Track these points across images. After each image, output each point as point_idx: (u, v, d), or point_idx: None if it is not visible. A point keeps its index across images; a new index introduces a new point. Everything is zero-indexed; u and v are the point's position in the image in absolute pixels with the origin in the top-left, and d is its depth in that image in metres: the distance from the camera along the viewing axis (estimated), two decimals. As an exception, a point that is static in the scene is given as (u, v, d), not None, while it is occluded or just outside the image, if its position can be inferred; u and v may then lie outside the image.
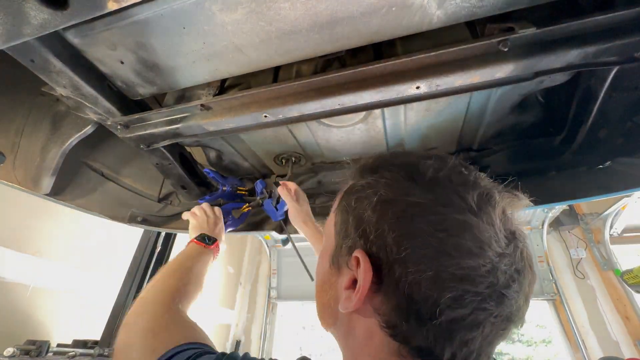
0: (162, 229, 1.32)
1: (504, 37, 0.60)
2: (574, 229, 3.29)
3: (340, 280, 0.41)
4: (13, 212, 1.77)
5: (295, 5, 0.57)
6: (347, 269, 0.40)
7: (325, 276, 0.45)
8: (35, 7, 0.50)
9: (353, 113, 0.77)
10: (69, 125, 0.94)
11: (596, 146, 0.86)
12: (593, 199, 0.89)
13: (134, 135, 0.87)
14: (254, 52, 0.68)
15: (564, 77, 0.76)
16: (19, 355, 1.36)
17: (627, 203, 2.69)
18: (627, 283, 2.19)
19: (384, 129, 1.01)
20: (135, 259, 2.44)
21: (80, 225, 2.16)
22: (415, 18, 0.59)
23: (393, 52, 0.75)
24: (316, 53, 0.68)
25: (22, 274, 1.75)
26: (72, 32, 0.65)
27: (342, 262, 0.41)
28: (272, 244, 3.98)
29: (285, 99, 0.75)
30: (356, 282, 0.37)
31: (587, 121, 0.81)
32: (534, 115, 0.96)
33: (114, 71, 0.75)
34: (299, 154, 1.15)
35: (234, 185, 1.18)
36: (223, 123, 0.81)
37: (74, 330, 1.98)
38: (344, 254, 0.41)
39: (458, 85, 0.68)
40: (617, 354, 2.73)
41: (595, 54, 0.61)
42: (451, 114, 0.93)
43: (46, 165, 0.97)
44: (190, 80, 0.77)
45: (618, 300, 2.90)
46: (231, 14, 0.59)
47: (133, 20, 0.62)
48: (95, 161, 1.22)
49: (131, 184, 1.29)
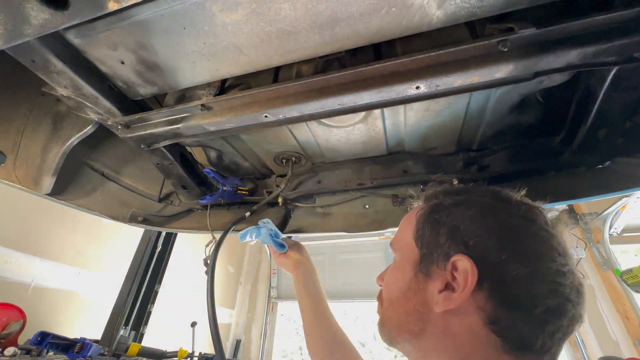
0: (163, 229, 1.32)
1: (503, 37, 0.60)
2: (574, 229, 3.29)
3: (430, 285, 0.46)
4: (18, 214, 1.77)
5: (296, 5, 0.57)
6: (439, 274, 0.45)
7: (408, 284, 0.49)
8: (35, 8, 0.50)
9: (353, 113, 0.78)
10: (69, 125, 0.94)
11: (596, 146, 0.86)
12: (592, 198, 0.89)
13: (135, 135, 0.88)
14: (254, 52, 0.68)
15: (563, 77, 0.76)
16: (20, 355, 1.36)
17: (626, 203, 2.69)
18: (627, 283, 2.19)
19: (384, 129, 1.01)
20: (136, 259, 2.44)
21: (81, 225, 2.17)
22: (415, 18, 0.60)
23: (393, 52, 0.75)
24: (316, 53, 0.69)
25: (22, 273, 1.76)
26: (72, 32, 0.65)
27: (432, 268, 0.46)
28: (272, 243, 3.97)
29: (286, 99, 0.75)
30: (448, 285, 0.43)
31: (587, 121, 0.81)
32: (533, 115, 0.96)
33: (114, 71, 0.75)
34: (299, 154, 1.16)
35: (234, 185, 1.18)
36: (223, 123, 0.82)
37: (73, 330, 1.98)
38: (437, 261, 0.46)
39: (458, 86, 0.68)
40: (616, 353, 2.73)
41: (594, 54, 0.61)
42: (451, 114, 0.93)
43: (47, 165, 0.97)
44: (191, 81, 0.77)
45: (617, 300, 2.91)
46: (231, 14, 0.59)
47: (134, 21, 0.62)
48: (96, 161, 1.23)
49: (132, 183, 1.29)
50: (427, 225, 0.49)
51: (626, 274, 2.17)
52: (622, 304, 2.87)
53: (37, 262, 1.85)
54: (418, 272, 0.48)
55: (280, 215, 1.24)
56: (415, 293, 0.47)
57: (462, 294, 0.41)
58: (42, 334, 1.36)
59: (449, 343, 0.43)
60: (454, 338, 0.43)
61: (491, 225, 0.44)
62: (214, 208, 1.31)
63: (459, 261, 0.42)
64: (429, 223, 0.49)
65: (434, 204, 0.52)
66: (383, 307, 0.55)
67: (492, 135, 1.01)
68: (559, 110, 0.90)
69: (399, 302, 0.50)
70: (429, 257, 0.47)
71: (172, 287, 2.77)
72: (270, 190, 1.22)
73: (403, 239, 0.54)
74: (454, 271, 0.43)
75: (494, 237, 0.43)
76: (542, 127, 0.97)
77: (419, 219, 0.52)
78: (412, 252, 0.50)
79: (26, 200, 1.74)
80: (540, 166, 0.97)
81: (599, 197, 0.89)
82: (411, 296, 0.48)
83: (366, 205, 1.19)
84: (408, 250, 0.51)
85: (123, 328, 2.16)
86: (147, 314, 2.38)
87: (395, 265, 0.55)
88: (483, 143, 1.05)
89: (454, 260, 0.43)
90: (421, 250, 0.49)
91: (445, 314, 0.43)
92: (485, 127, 0.97)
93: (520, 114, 0.95)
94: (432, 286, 0.45)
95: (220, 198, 1.16)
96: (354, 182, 1.15)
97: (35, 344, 1.35)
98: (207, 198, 1.16)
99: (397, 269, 0.54)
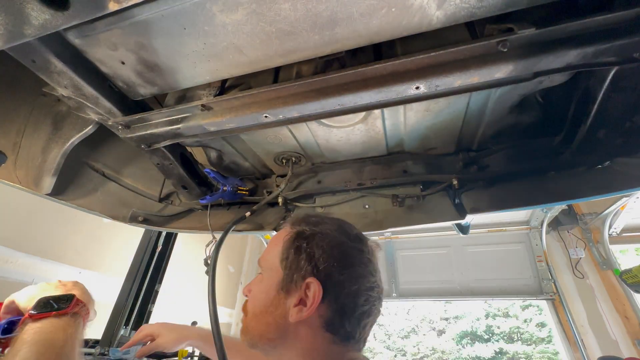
0: (163, 229, 1.32)
1: (503, 37, 0.60)
2: (573, 229, 3.30)
3: (288, 300, 0.58)
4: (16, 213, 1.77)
5: (296, 6, 0.57)
6: (296, 291, 0.58)
7: (272, 301, 0.60)
8: (36, 8, 0.50)
9: (353, 113, 0.78)
10: (70, 125, 0.94)
11: (595, 146, 0.86)
12: (592, 198, 0.89)
13: (135, 135, 0.88)
14: (255, 52, 0.68)
15: (563, 77, 0.76)
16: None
17: (626, 203, 2.69)
18: (626, 282, 2.19)
19: (384, 129, 1.01)
20: (136, 259, 2.44)
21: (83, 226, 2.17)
22: (414, 19, 0.60)
23: (393, 52, 0.76)
24: (316, 54, 0.69)
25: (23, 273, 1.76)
26: (73, 32, 0.65)
27: (291, 287, 0.58)
28: (272, 243, 3.97)
29: (286, 100, 0.75)
30: (302, 300, 0.56)
31: (586, 121, 0.81)
32: (533, 115, 0.96)
33: (115, 71, 0.75)
34: (299, 154, 1.16)
35: (234, 185, 1.18)
36: (224, 123, 0.82)
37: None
38: (295, 281, 0.58)
39: (457, 86, 0.68)
40: (616, 353, 2.73)
41: (594, 55, 0.61)
42: (450, 114, 0.93)
43: (47, 165, 0.97)
44: (191, 81, 0.78)
45: (617, 300, 2.91)
46: (232, 14, 0.59)
47: (134, 21, 0.62)
48: (97, 161, 1.23)
49: (132, 184, 1.30)
50: (291, 251, 0.61)
51: (625, 274, 2.17)
52: (622, 304, 2.87)
53: (38, 262, 1.85)
54: (280, 291, 0.60)
55: (280, 215, 1.24)
56: (276, 308, 0.59)
57: (310, 308, 0.55)
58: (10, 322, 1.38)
59: (297, 345, 0.57)
60: (302, 340, 0.57)
61: (336, 255, 0.59)
62: (214, 208, 1.31)
63: (311, 283, 0.56)
64: (293, 249, 0.61)
65: (298, 232, 0.63)
66: (247, 318, 0.64)
67: (492, 135, 1.01)
68: (559, 110, 0.90)
69: (263, 315, 0.61)
70: (290, 277, 0.59)
71: (172, 287, 2.77)
72: (270, 190, 1.22)
73: (270, 259, 0.65)
74: (307, 290, 0.56)
75: (337, 263, 0.58)
76: (542, 127, 0.97)
77: (285, 243, 0.63)
78: (277, 274, 0.61)
79: (27, 200, 1.74)
80: (540, 166, 0.98)
81: (599, 197, 0.89)
82: (273, 310, 0.59)
83: (366, 205, 1.19)
84: (273, 271, 0.62)
85: (123, 328, 2.16)
86: (147, 313, 2.39)
87: (261, 281, 0.65)
88: (483, 143, 1.05)
89: (308, 282, 0.56)
90: (284, 272, 0.60)
91: (296, 322, 0.56)
92: (485, 127, 0.97)
93: (520, 114, 0.96)
94: (289, 301, 0.58)
95: (221, 198, 1.16)
96: (354, 182, 1.16)
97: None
98: (207, 198, 1.16)
99: (262, 285, 0.64)
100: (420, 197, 1.12)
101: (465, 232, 1.44)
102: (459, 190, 1.04)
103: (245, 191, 1.21)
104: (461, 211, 1.05)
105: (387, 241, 3.98)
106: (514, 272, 3.40)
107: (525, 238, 3.53)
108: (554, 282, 3.17)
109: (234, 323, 3.75)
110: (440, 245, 3.77)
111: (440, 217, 1.08)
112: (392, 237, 3.96)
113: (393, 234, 3.94)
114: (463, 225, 1.39)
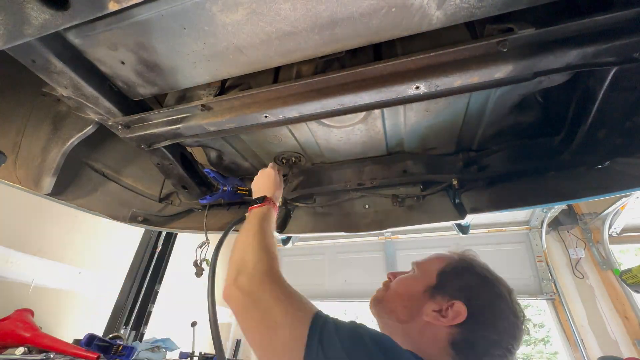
0: (163, 229, 1.32)
1: (503, 37, 0.60)
2: (573, 229, 3.30)
3: (430, 302, 0.65)
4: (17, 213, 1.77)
5: (296, 6, 0.57)
6: (440, 301, 0.64)
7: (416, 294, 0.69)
8: (36, 8, 0.50)
9: (353, 113, 0.78)
10: (69, 125, 0.94)
11: (595, 146, 0.86)
12: (592, 198, 0.89)
13: (135, 135, 0.88)
14: (254, 52, 0.68)
15: (563, 77, 0.76)
16: (25, 353, 1.41)
17: (626, 203, 2.69)
18: (626, 282, 2.19)
19: (384, 129, 1.01)
20: (136, 259, 2.45)
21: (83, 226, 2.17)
22: (414, 19, 0.60)
23: (393, 52, 0.76)
24: (316, 54, 0.69)
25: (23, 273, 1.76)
26: (73, 32, 0.65)
27: (438, 295, 0.65)
28: (272, 243, 3.98)
29: (286, 100, 0.75)
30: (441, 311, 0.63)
31: (586, 121, 0.81)
32: (533, 115, 0.96)
33: (115, 71, 0.75)
34: (299, 154, 1.16)
35: (234, 185, 1.18)
36: (224, 123, 0.82)
37: (73, 330, 1.98)
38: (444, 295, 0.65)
39: (457, 86, 0.68)
40: (616, 353, 2.73)
41: (594, 55, 0.61)
42: (450, 114, 0.93)
43: (47, 165, 0.97)
44: (191, 81, 0.78)
45: (617, 300, 2.91)
46: (231, 14, 0.59)
47: (134, 21, 0.62)
48: (97, 161, 1.23)
49: (132, 184, 1.30)
50: (452, 272, 0.69)
51: (625, 274, 2.17)
52: (622, 304, 2.87)
53: (38, 261, 1.85)
54: (426, 291, 0.67)
55: (280, 215, 1.24)
56: (417, 300, 0.67)
57: (445, 322, 0.61)
58: (90, 336, 1.50)
59: (416, 338, 0.64)
60: (423, 337, 0.63)
61: (487, 295, 0.65)
62: (214, 208, 1.31)
63: (459, 306, 0.62)
64: (454, 272, 0.69)
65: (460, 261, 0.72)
66: (387, 292, 0.74)
67: (492, 135, 1.01)
68: (559, 110, 0.90)
69: (402, 297, 0.71)
70: (441, 288, 0.66)
71: (172, 287, 2.77)
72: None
73: (430, 266, 0.73)
74: (451, 307, 0.62)
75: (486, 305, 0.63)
76: (542, 127, 0.97)
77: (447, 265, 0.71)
78: (430, 278, 0.70)
79: (26, 200, 1.74)
80: (540, 166, 0.98)
81: (599, 197, 0.89)
82: (413, 300, 0.68)
83: (366, 205, 1.19)
84: (429, 275, 0.71)
85: (123, 328, 2.16)
86: (147, 314, 2.39)
87: (413, 276, 0.74)
88: (483, 143, 1.05)
89: (456, 303, 0.62)
90: (438, 281, 0.68)
91: (427, 322, 0.63)
92: (485, 127, 0.97)
93: (520, 114, 0.95)
94: (431, 304, 0.65)
95: (221, 198, 1.16)
96: (354, 182, 1.16)
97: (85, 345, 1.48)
98: (207, 198, 1.16)
99: (413, 279, 0.73)
100: (420, 197, 1.12)
101: (465, 232, 1.44)
102: (459, 190, 1.04)
103: (245, 191, 1.21)
104: (461, 211, 1.05)
105: (387, 241, 3.97)
106: (514, 272, 3.40)
107: (525, 238, 3.53)
108: (553, 282, 3.17)
109: (234, 323, 3.74)
110: (441, 245, 3.76)
111: (440, 217, 1.08)
112: (392, 237, 3.96)
113: (393, 234, 3.94)
114: (463, 225, 1.39)
